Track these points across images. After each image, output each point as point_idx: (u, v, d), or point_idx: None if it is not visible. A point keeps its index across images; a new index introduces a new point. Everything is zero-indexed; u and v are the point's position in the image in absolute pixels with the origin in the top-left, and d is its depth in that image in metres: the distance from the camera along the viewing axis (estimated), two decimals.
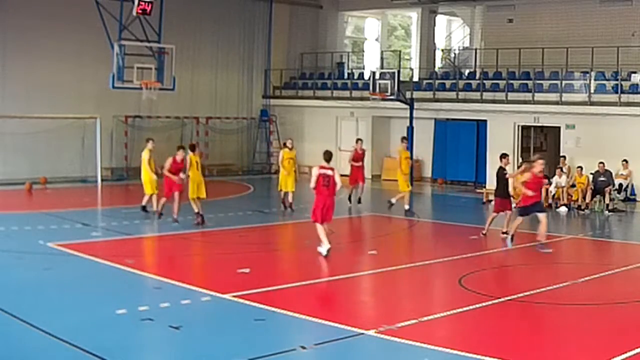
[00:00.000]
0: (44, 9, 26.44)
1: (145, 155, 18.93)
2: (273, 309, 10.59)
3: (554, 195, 22.49)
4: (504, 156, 17.28)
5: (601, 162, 22.48)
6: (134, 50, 23.82)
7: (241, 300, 11.05)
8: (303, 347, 9.13)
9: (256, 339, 9.46)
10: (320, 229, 14.33)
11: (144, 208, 19.07)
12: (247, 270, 13.08)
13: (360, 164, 22.58)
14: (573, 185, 22.72)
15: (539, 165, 15.14)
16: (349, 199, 22.09)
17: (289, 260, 15.02)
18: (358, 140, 23.43)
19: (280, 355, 8.78)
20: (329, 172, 14.29)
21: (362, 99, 29.85)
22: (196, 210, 17.89)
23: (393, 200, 20.88)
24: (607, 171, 22.45)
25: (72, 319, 10.13)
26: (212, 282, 12.40)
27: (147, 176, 18.74)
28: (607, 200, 21.92)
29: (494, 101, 26.71)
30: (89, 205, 22.25)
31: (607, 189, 21.99)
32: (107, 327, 9.86)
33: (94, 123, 26.38)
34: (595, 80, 24.67)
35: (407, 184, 20.98)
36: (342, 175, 14.81)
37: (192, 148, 18.35)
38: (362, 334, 9.54)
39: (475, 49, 30.92)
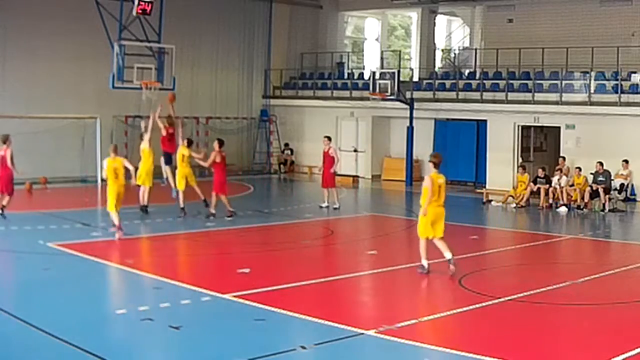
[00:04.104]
0: (44, 9, 26.42)
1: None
2: (273, 309, 10.58)
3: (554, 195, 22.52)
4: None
5: (599, 162, 22.48)
6: (134, 50, 23.76)
7: (241, 300, 11.04)
8: (303, 347, 9.12)
9: (256, 339, 9.46)
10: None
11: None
12: (247, 270, 13.08)
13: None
14: (572, 185, 22.72)
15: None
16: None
17: (289, 260, 15.01)
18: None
19: (280, 355, 8.77)
20: None
21: (362, 99, 29.84)
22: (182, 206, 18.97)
23: None
24: (605, 171, 22.45)
25: (72, 318, 10.12)
26: (212, 282, 12.39)
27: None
28: (603, 200, 21.88)
29: (494, 101, 26.69)
30: (89, 205, 22.22)
31: (605, 189, 21.99)
32: (107, 327, 9.87)
33: (94, 123, 26.32)
34: (595, 80, 24.65)
35: None
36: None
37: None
38: (362, 334, 9.53)
39: (475, 49, 30.92)
